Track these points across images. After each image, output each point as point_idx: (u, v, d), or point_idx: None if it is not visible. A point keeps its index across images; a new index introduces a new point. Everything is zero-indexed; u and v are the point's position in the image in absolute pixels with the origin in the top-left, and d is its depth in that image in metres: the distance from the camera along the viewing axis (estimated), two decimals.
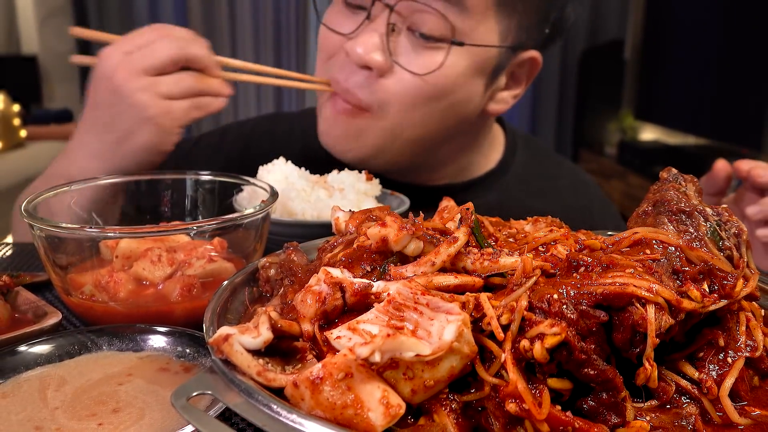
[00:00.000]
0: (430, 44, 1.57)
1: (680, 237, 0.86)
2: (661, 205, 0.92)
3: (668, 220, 0.89)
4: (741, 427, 0.75)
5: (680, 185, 0.96)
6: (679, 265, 0.80)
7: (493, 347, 0.72)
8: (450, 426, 0.69)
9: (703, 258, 0.82)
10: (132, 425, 0.83)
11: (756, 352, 0.81)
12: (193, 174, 1.47)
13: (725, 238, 0.89)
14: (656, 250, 0.81)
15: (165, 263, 1.17)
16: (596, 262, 0.77)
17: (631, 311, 0.71)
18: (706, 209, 0.92)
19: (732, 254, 0.88)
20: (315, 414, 0.66)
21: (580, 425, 0.67)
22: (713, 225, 0.89)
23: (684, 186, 0.96)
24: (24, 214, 1.12)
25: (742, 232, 0.91)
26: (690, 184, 0.97)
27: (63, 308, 1.16)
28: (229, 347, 0.71)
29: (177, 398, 0.68)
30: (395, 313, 0.72)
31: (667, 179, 0.97)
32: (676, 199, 0.92)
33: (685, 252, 0.82)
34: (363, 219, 0.99)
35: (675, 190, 0.94)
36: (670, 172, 0.98)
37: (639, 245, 0.83)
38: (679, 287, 0.77)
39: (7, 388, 0.91)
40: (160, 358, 1.00)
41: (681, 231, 0.88)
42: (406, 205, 1.64)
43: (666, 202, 0.91)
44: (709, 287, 0.80)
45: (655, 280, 0.73)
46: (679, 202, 0.91)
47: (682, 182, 0.97)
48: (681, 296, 0.74)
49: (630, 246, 0.84)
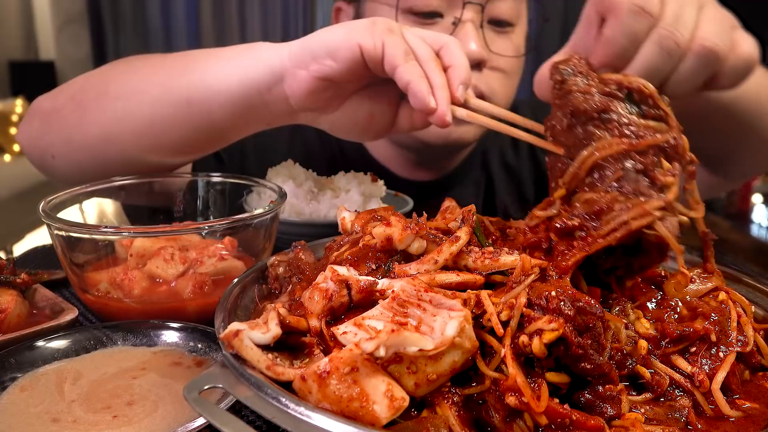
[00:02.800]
0: (506, 29, 1.69)
1: (619, 138, 0.84)
2: (577, 115, 0.87)
3: (595, 128, 0.86)
4: (732, 419, 0.75)
5: (575, 79, 0.89)
6: (639, 165, 0.83)
7: (494, 342, 0.72)
8: (452, 418, 0.69)
9: (648, 143, 0.83)
10: (146, 417, 0.83)
11: (747, 347, 0.81)
12: (205, 175, 1.47)
13: (640, 102, 0.87)
14: (614, 167, 0.83)
15: (178, 261, 1.17)
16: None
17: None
18: (610, 88, 0.87)
19: (656, 113, 0.87)
20: (322, 407, 0.66)
21: (578, 417, 0.67)
22: (626, 101, 0.87)
23: (579, 77, 0.89)
24: (42, 214, 1.12)
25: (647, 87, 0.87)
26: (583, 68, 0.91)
27: (79, 305, 1.16)
28: (239, 342, 0.72)
29: (189, 391, 0.68)
30: (399, 309, 0.72)
31: (562, 81, 0.90)
32: (584, 100, 0.87)
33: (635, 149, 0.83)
34: (368, 219, 0.99)
35: (576, 89, 0.88)
36: (557, 71, 0.91)
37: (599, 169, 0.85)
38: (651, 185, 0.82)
39: (26, 382, 0.92)
40: (173, 352, 1.00)
41: (612, 129, 0.85)
42: (410, 205, 1.65)
43: (580, 111, 0.87)
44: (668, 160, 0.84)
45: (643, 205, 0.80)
46: (590, 102, 0.86)
47: (574, 71, 0.90)
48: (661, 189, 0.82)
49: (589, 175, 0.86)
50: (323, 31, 1.16)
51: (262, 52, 1.22)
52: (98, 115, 1.35)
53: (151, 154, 1.37)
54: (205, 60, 1.29)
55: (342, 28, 1.14)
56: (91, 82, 1.42)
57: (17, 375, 0.93)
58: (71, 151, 1.41)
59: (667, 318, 0.83)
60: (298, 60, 1.16)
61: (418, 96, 1.04)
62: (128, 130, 1.33)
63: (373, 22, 1.12)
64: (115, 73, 1.43)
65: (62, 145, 1.41)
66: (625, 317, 0.83)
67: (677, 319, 0.83)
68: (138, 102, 1.32)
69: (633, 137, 0.84)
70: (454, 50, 1.11)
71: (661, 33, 0.90)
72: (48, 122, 1.43)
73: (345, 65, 1.11)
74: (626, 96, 0.87)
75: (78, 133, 1.37)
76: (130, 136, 1.33)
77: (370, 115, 1.22)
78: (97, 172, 1.36)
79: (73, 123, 1.38)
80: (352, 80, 1.16)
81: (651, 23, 0.90)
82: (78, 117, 1.37)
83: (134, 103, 1.32)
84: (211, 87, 1.25)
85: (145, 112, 1.31)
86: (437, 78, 1.06)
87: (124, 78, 1.39)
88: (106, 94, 1.35)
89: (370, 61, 1.10)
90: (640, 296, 0.87)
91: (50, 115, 1.43)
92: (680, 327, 0.81)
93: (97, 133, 1.35)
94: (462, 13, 1.60)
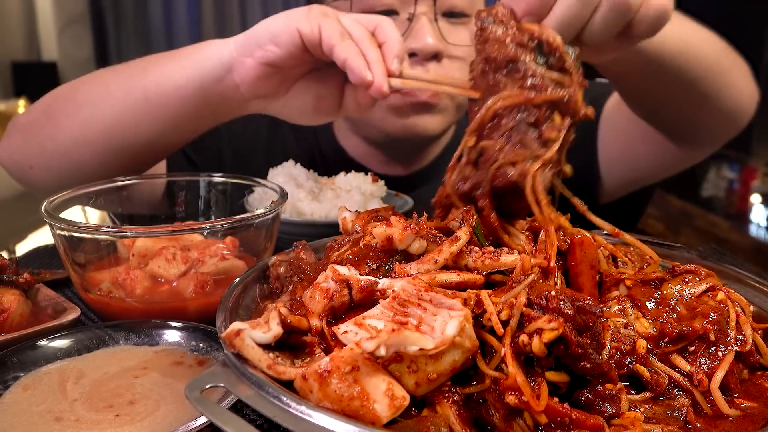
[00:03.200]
0: (461, 20, 1.70)
1: (519, 89, 0.88)
2: (490, 62, 0.91)
3: (502, 77, 0.90)
4: (731, 418, 0.75)
5: (494, 27, 0.92)
6: (532, 118, 0.87)
7: (494, 342, 0.72)
8: (452, 417, 0.69)
9: (543, 99, 0.87)
10: (147, 416, 0.84)
11: (745, 346, 0.81)
12: (206, 176, 1.48)
13: (547, 54, 0.90)
14: (510, 117, 0.88)
15: (179, 261, 1.17)
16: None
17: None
18: (523, 38, 0.90)
19: (561, 65, 0.90)
20: (323, 405, 0.66)
21: (577, 416, 0.67)
22: (536, 52, 0.90)
23: (498, 26, 0.92)
24: (44, 214, 1.13)
25: (554, 39, 0.90)
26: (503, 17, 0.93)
27: (81, 304, 1.16)
28: (240, 342, 0.72)
29: (191, 390, 0.68)
30: (400, 309, 0.72)
31: (483, 28, 0.93)
32: (498, 49, 0.90)
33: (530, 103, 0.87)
34: (369, 219, 0.99)
35: (493, 38, 0.91)
36: (480, 18, 0.94)
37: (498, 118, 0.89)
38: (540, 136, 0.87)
39: (29, 381, 0.92)
40: (175, 352, 1.00)
41: (516, 80, 0.88)
42: (410, 205, 1.65)
43: (492, 60, 0.90)
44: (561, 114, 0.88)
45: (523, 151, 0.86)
46: (502, 52, 0.89)
47: (495, 20, 0.93)
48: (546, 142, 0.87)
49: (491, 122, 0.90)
50: (266, 21, 1.24)
51: (211, 47, 1.32)
52: (68, 122, 1.44)
53: (121, 154, 1.43)
54: (163, 60, 1.39)
55: (282, 16, 1.23)
56: (62, 92, 1.51)
57: (20, 374, 0.93)
58: (47, 160, 1.48)
59: (666, 317, 0.83)
60: (244, 49, 1.25)
61: (355, 71, 1.12)
62: (96, 132, 1.41)
63: (310, 9, 1.20)
64: (82, 82, 1.50)
65: (38, 155, 1.49)
66: (625, 317, 0.83)
67: (676, 319, 0.83)
68: (103, 105, 1.41)
69: (533, 90, 0.87)
70: (387, 28, 1.18)
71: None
72: (25, 135, 1.52)
73: (287, 50, 1.19)
74: (536, 46, 0.90)
75: (51, 141, 1.45)
76: (99, 138, 1.41)
77: (318, 98, 1.31)
78: (72, 178, 1.41)
79: (46, 133, 1.46)
80: (296, 64, 1.24)
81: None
82: (51, 126, 1.46)
83: (100, 107, 1.41)
84: (167, 84, 1.34)
85: (110, 114, 1.40)
86: (372, 53, 1.14)
87: (90, 86, 1.48)
88: (74, 101, 1.45)
89: (309, 44, 1.18)
90: (640, 296, 0.87)
91: (26, 128, 1.52)
92: (679, 326, 0.81)
93: (68, 139, 1.43)
94: (415, 8, 1.64)
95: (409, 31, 1.64)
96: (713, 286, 0.88)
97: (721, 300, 0.85)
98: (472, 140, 0.91)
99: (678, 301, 0.86)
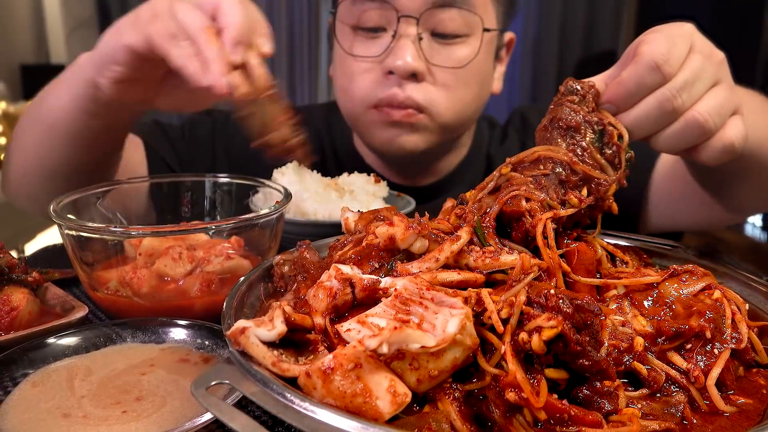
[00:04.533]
0: (451, 41, 1.65)
1: (568, 152, 0.95)
2: (555, 122, 0.98)
3: (559, 136, 0.97)
4: (727, 414, 0.75)
5: (575, 97, 0.99)
6: (565, 176, 0.94)
7: (494, 339, 0.72)
8: (453, 413, 0.69)
9: (583, 169, 0.94)
10: (154, 413, 0.84)
11: (741, 344, 0.81)
12: (212, 176, 1.48)
13: (606, 143, 0.97)
14: (548, 166, 0.94)
15: (185, 260, 1.17)
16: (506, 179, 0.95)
17: (524, 221, 0.88)
18: (593, 118, 0.97)
19: (612, 157, 0.97)
20: (326, 402, 0.66)
21: (576, 412, 0.67)
22: (597, 135, 0.97)
23: (579, 97, 0.99)
24: (53, 214, 1.13)
25: (622, 134, 0.97)
26: (587, 93, 0.99)
27: (89, 303, 1.16)
28: (245, 339, 0.72)
29: (197, 387, 0.68)
30: (402, 307, 0.72)
31: (564, 93, 1.00)
32: (568, 114, 0.97)
33: (571, 165, 0.94)
34: (371, 219, 0.99)
35: (570, 103, 0.98)
36: (566, 85, 1.00)
37: (537, 162, 0.96)
38: (564, 194, 0.93)
39: (37, 378, 0.92)
40: (181, 349, 1.00)
41: (570, 145, 0.96)
42: (412, 205, 1.65)
43: (559, 120, 0.98)
44: (588, 191, 0.94)
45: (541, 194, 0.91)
46: (569, 118, 0.97)
47: (578, 92, 0.99)
48: (564, 203, 0.93)
49: (531, 162, 0.96)
50: (105, 36, 1.21)
51: (77, 67, 1.31)
52: (15, 155, 1.53)
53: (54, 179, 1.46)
54: (54, 85, 1.43)
55: (113, 30, 1.19)
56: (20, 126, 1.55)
57: (29, 371, 0.93)
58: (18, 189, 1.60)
59: (663, 315, 0.84)
60: (95, 69, 1.22)
61: (191, 79, 1.06)
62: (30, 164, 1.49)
63: (137, 15, 1.15)
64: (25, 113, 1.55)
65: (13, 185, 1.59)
66: (622, 315, 0.83)
67: (673, 317, 0.83)
68: (25, 137, 1.48)
69: (578, 158, 0.95)
70: (227, 9, 1.10)
71: (664, 93, 0.95)
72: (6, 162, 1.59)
73: (128, 66, 1.16)
74: (599, 131, 0.97)
75: (10, 170, 1.56)
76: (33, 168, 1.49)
77: (189, 91, 1.22)
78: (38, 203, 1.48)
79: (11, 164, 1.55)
80: (149, 70, 1.19)
81: (661, 81, 0.95)
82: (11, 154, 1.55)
83: (23, 139, 1.49)
84: (57, 109, 1.36)
85: (31, 143, 1.47)
86: (209, 51, 1.06)
87: (22, 118, 1.53)
88: (16, 134, 1.52)
89: (147, 55, 1.12)
90: (637, 294, 0.87)
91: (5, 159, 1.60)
92: (676, 324, 0.81)
93: (17, 170, 1.54)
94: (397, 26, 1.61)
95: (389, 50, 1.63)
96: (709, 285, 0.88)
97: (717, 298, 0.85)
98: (507, 169, 0.96)
99: (675, 299, 0.86)
